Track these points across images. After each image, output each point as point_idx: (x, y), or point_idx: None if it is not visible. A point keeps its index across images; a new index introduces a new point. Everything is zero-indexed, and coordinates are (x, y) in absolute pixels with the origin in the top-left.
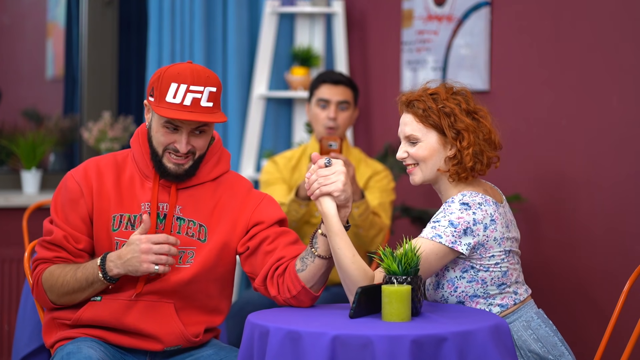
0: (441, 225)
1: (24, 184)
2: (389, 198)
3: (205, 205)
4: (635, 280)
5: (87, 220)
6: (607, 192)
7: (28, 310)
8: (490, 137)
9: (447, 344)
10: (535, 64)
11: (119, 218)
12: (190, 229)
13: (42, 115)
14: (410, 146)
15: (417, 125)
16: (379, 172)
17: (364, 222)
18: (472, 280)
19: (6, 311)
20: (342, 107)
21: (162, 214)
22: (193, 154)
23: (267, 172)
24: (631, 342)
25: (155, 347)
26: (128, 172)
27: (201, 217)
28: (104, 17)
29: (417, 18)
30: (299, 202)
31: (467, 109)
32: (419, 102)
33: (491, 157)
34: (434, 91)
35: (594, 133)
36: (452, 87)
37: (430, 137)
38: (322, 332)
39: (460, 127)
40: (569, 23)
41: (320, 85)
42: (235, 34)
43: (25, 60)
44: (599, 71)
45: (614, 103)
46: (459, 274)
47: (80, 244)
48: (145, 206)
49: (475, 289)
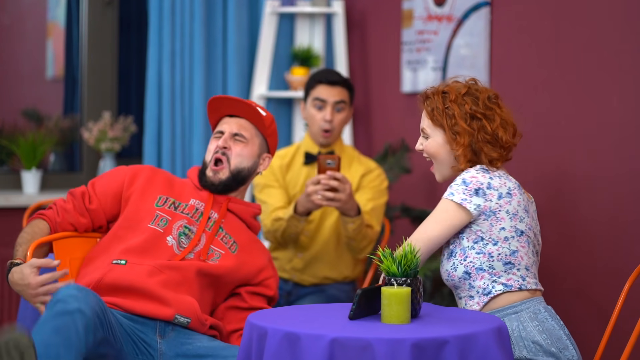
0: (455, 183)
1: (24, 184)
2: (382, 200)
3: (243, 233)
4: (635, 280)
5: (116, 195)
6: (607, 192)
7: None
8: (492, 137)
9: (448, 347)
10: (535, 63)
11: (165, 199)
12: (225, 238)
13: (42, 115)
14: (424, 140)
15: (427, 121)
16: (371, 170)
17: (357, 235)
18: (480, 252)
19: (6, 311)
20: (338, 108)
21: (211, 220)
22: (227, 158)
23: (263, 174)
24: (631, 342)
25: (167, 314)
26: (183, 181)
27: (237, 238)
28: (104, 17)
29: (417, 18)
30: (297, 218)
31: (473, 112)
32: (431, 100)
33: (493, 156)
34: (446, 90)
35: (594, 133)
36: (467, 87)
37: (437, 135)
38: (320, 334)
39: (458, 130)
40: (568, 23)
41: (317, 85)
42: (235, 34)
43: (25, 60)
44: (599, 71)
45: (614, 103)
46: (470, 244)
47: (92, 205)
48: (194, 201)
49: (482, 261)
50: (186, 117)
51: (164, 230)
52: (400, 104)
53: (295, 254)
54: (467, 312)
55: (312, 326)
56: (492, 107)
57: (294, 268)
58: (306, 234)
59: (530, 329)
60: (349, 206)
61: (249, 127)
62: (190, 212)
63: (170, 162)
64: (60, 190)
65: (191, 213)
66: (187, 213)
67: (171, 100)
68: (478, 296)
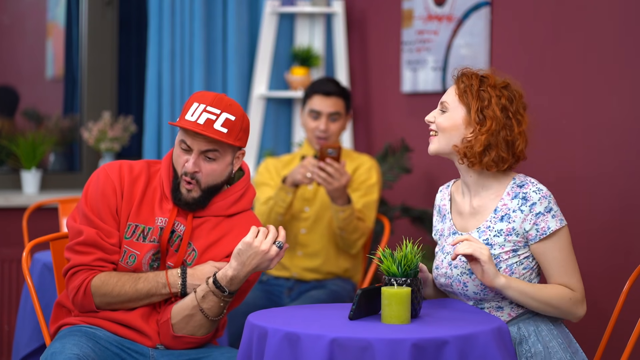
0: (543, 205)
1: (24, 184)
2: (372, 195)
3: (208, 236)
4: (635, 280)
5: (115, 216)
6: (607, 192)
7: (28, 310)
8: (512, 140)
9: (448, 347)
10: (535, 63)
11: (133, 228)
12: (187, 254)
13: (42, 115)
14: (439, 114)
15: (453, 96)
16: (362, 163)
17: (347, 225)
18: (527, 267)
19: (6, 311)
20: (332, 118)
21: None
22: (197, 181)
23: (260, 173)
24: (631, 342)
25: (148, 344)
26: (154, 185)
27: (199, 243)
28: (104, 17)
29: (417, 18)
30: (286, 189)
31: (506, 106)
32: (467, 77)
33: (502, 157)
34: (487, 75)
35: (594, 133)
36: (507, 83)
37: (457, 112)
38: (320, 335)
39: (488, 114)
40: (568, 23)
41: (313, 95)
42: (235, 34)
43: (25, 60)
44: (599, 71)
45: (614, 102)
46: (520, 260)
47: (113, 239)
48: (159, 220)
49: (525, 277)
50: None
51: (134, 267)
52: (400, 103)
53: (295, 252)
54: (467, 312)
55: (313, 326)
56: (523, 114)
57: (294, 265)
58: (303, 231)
59: (545, 333)
60: (338, 194)
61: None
62: (156, 237)
63: None
64: (60, 190)
65: (157, 237)
66: (154, 239)
67: (171, 100)
68: (510, 308)
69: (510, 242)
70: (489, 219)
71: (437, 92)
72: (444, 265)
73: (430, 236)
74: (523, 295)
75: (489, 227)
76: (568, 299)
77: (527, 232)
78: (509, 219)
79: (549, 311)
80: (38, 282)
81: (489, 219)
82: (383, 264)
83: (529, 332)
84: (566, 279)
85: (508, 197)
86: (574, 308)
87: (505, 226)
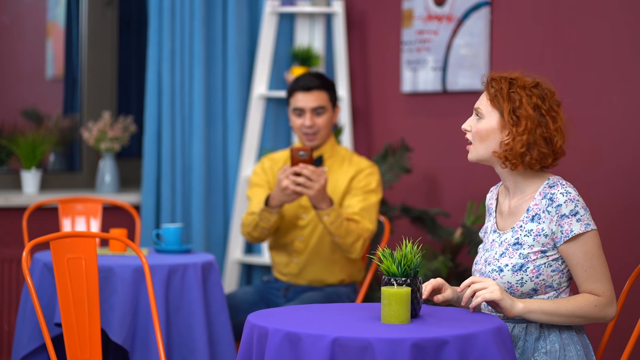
0: (571, 209)
1: (24, 184)
2: (373, 199)
3: None
4: (635, 280)
5: None
6: (607, 191)
7: (28, 310)
8: (550, 137)
9: (448, 347)
10: (535, 63)
11: None
12: None
13: (42, 115)
14: (476, 121)
15: (486, 102)
16: (362, 169)
17: (337, 229)
18: (556, 270)
19: (6, 311)
20: (317, 112)
21: None
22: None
23: (255, 172)
24: (631, 342)
25: None
26: None
27: None
28: (104, 17)
29: (417, 18)
30: (269, 210)
31: (538, 104)
32: (497, 82)
33: (544, 154)
34: (516, 77)
35: (594, 132)
36: (536, 82)
37: (492, 118)
38: (321, 335)
39: (522, 114)
40: (568, 23)
41: (294, 93)
42: (235, 34)
43: (25, 60)
44: (599, 70)
45: (614, 102)
46: (549, 262)
47: None
48: None
49: (554, 279)
50: (186, 116)
51: None
52: (400, 103)
53: (291, 259)
54: (467, 312)
55: (313, 326)
56: (557, 111)
57: (290, 273)
58: (300, 239)
59: (565, 336)
60: (320, 197)
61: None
62: None
63: (170, 162)
64: (60, 190)
65: None
66: None
67: (171, 100)
68: None
69: (539, 242)
70: (522, 218)
71: (437, 92)
72: (480, 261)
73: (430, 236)
74: (545, 314)
75: (521, 226)
76: (593, 306)
77: (554, 233)
78: (539, 220)
79: (578, 321)
80: (38, 282)
81: (522, 219)
82: (383, 263)
83: (549, 330)
84: (591, 285)
85: (539, 197)
86: (602, 313)
87: (535, 227)
